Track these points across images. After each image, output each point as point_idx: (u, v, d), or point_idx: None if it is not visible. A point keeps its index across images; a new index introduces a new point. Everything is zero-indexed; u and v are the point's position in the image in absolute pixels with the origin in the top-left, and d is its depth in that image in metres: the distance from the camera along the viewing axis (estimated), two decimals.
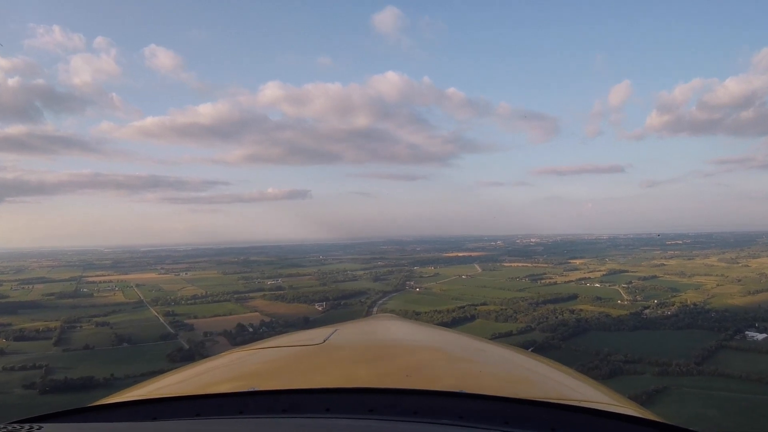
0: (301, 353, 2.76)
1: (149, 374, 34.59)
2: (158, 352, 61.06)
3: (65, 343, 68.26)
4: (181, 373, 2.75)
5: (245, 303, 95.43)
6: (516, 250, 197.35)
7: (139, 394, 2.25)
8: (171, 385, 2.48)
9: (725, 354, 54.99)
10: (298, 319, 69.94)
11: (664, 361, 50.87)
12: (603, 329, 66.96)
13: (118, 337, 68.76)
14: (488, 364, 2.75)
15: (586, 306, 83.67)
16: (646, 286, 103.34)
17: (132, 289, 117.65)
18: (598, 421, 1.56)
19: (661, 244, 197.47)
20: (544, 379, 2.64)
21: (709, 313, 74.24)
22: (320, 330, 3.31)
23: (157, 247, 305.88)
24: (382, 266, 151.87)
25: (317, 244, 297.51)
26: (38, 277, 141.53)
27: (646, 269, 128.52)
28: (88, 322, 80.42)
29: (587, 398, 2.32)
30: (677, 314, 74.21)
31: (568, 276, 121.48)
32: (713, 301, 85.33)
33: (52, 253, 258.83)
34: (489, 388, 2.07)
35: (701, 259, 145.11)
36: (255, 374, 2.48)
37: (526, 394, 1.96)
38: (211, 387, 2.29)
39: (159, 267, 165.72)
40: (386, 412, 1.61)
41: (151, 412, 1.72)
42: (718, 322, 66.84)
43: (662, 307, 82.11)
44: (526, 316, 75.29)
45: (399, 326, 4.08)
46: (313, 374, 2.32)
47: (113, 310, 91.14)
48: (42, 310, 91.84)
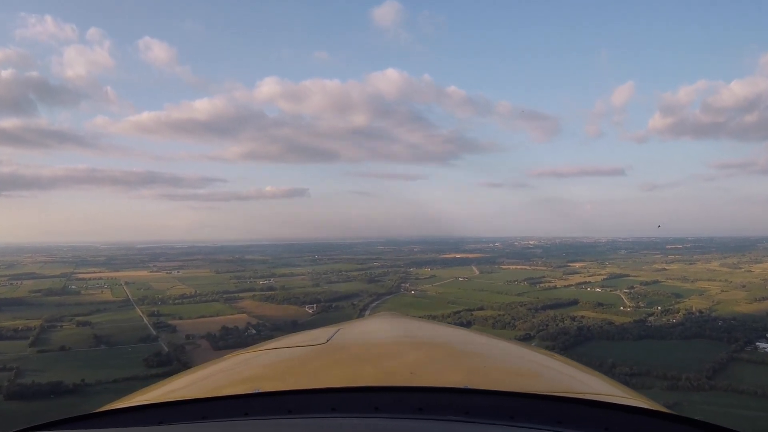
0: (305, 354, 2.79)
1: (121, 381, 31.28)
2: (136, 355, 58.14)
3: (42, 343, 65.62)
4: (187, 377, 2.75)
5: (234, 303, 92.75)
6: (514, 252, 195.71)
7: (144, 399, 2.25)
8: (176, 388, 2.50)
9: (737, 367, 51.98)
10: (286, 322, 66.87)
11: (673, 374, 47.69)
12: (606, 338, 64.03)
13: (96, 339, 66.06)
14: (492, 358, 2.78)
15: (587, 312, 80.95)
16: (648, 291, 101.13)
17: (121, 286, 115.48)
18: (605, 414, 1.56)
19: (661, 248, 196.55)
20: (550, 373, 2.66)
21: (717, 322, 71.59)
22: (323, 330, 3.38)
23: (154, 244, 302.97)
24: (378, 267, 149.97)
25: (314, 243, 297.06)
26: (29, 273, 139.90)
27: (648, 273, 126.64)
28: (69, 321, 77.98)
29: (594, 391, 2.34)
30: (683, 322, 71.41)
31: (568, 280, 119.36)
32: (719, 308, 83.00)
33: (48, 248, 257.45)
34: (494, 383, 2.07)
35: (703, 264, 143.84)
36: (260, 376, 2.51)
37: (532, 388, 2.00)
38: (216, 390, 2.30)
39: (152, 265, 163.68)
40: (392, 410, 1.62)
41: (157, 416, 1.73)
42: (726, 332, 63.92)
43: (667, 314, 79.64)
44: (525, 323, 72.30)
45: (402, 324, 4.10)
46: (318, 374, 2.35)
47: (98, 309, 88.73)
48: (26, 307, 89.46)
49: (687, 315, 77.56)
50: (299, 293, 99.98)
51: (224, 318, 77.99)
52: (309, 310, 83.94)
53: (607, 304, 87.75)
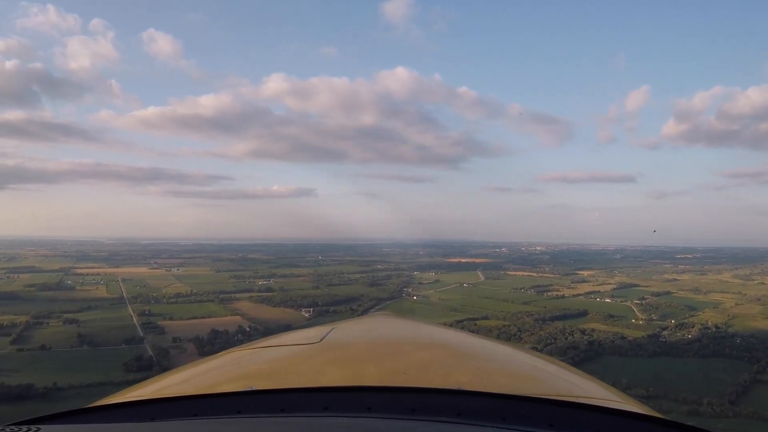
0: (298, 352, 2.79)
1: (95, 386, 27.38)
2: (116, 358, 55.13)
3: (24, 341, 62.92)
4: (179, 374, 2.74)
5: (229, 304, 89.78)
6: (521, 257, 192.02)
7: (136, 395, 2.26)
8: (169, 385, 2.49)
9: (761, 390, 48.15)
10: (279, 326, 63.40)
11: (693, 398, 43.99)
12: (618, 354, 60.38)
13: (80, 338, 63.18)
14: (486, 360, 2.78)
15: (597, 325, 77.36)
16: (660, 303, 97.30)
17: (117, 283, 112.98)
18: (597, 417, 1.55)
19: (670, 257, 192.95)
20: (543, 376, 2.67)
21: (735, 339, 67.73)
22: (317, 329, 3.35)
23: (159, 241, 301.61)
24: (381, 269, 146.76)
25: (319, 244, 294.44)
26: (28, 266, 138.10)
27: (658, 284, 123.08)
28: (57, 318, 75.21)
29: (587, 394, 2.35)
30: (700, 339, 67.53)
31: (576, 288, 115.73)
32: (735, 322, 79.46)
33: (53, 242, 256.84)
34: (486, 385, 2.08)
35: (714, 275, 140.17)
36: (253, 374, 2.50)
37: (525, 391, 2.00)
38: (208, 387, 2.30)
39: (153, 261, 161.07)
40: (384, 410, 1.61)
41: (149, 412, 1.72)
42: (746, 351, 60.24)
43: (681, 328, 75.93)
44: (531, 335, 68.57)
45: (396, 324, 4.10)
46: (311, 373, 2.35)
47: (89, 306, 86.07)
48: (18, 302, 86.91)
49: (703, 330, 73.88)
50: (297, 295, 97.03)
51: (216, 320, 75.15)
52: (305, 314, 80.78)
53: (618, 316, 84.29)
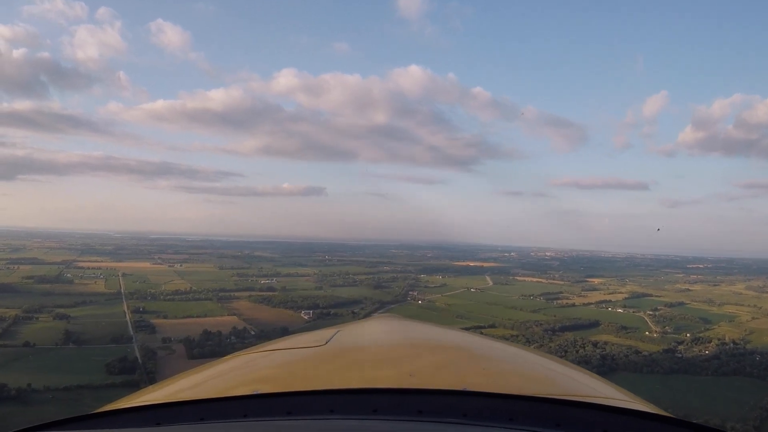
0: (304, 355, 2.80)
1: (73, 389, 23.44)
2: (101, 359, 52.39)
3: (10, 336, 60.86)
4: (185, 378, 2.73)
5: (227, 303, 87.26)
6: (530, 263, 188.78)
7: (142, 400, 2.25)
8: (175, 390, 2.49)
9: None
10: (275, 329, 60.35)
11: (715, 422, 40.53)
12: (633, 370, 57.00)
13: (67, 336, 60.93)
14: (492, 361, 2.76)
15: (610, 337, 74.05)
16: (674, 314, 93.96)
17: (117, 278, 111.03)
18: (604, 416, 1.55)
19: (682, 266, 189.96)
20: (549, 375, 2.65)
21: (754, 356, 64.18)
22: (323, 332, 3.37)
23: (167, 236, 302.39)
24: (388, 271, 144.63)
25: (327, 243, 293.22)
26: (30, 258, 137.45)
27: (671, 294, 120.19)
28: (48, 313, 73.30)
29: (593, 393, 2.36)
30: (718, 355, 63.94)
31: (587, 297, 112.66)
32: (753, 338, 76.20)
33: (60, 234, 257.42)
34: (493, 386, 2.07)
35: (727, 286, 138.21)
36: (259, 377, 2.50)
37: (531, 391, 2.00)
38: (215, 391, 2.29)
39: (157, 256, 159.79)
40: (390, 412, 1.61)
41: (155, 417, 1.72)
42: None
43: (698, 343, 72.66)
44: (541, 346, 64.90)
45: (401, 326, 4.09)
46: (317, 376, 2.36)
47: (83, 301, 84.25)
48: (12, 294, 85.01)
49: (720, 346, 70.51)
50: (298, 296, 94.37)
51: (211, 320, 72.50)
52: (305, 316, 78.07)
53: (631, 328, 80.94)
